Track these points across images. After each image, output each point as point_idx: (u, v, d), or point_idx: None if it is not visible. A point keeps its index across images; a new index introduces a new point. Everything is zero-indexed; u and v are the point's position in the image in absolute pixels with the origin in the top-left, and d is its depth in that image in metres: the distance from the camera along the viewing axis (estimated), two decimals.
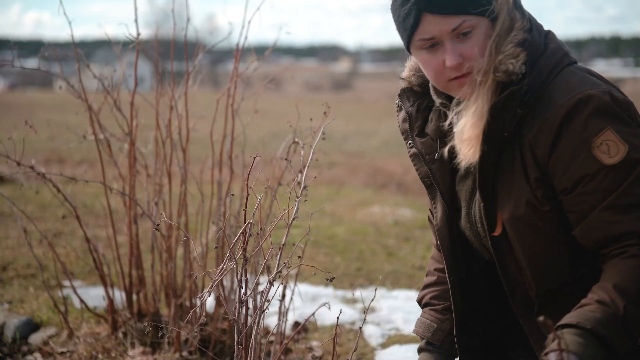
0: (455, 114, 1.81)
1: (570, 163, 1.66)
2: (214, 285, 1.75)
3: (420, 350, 2.10)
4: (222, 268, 1.80)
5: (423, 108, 1.96)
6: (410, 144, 1.96)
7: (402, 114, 1.99)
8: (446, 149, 1.86)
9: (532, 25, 1.76)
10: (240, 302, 1.85)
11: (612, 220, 1.64)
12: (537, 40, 1.74)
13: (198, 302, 1.70)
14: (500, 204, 1.77)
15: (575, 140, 1.65)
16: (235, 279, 3.19)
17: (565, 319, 1.56)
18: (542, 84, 1.70)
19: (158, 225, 2.04)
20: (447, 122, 1.84)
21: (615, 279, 1.59)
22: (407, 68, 1.98)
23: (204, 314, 1.87)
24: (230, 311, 2.08)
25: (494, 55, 1.69)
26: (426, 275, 2.18)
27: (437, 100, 1.90)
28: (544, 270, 1.78)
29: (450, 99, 1.84)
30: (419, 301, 2.15)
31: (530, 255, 1.78)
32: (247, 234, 1.83)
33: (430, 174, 1.92)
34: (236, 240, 1.82)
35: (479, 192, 1.80)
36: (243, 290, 1.86)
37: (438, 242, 2.02)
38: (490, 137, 1.72)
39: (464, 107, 1.76)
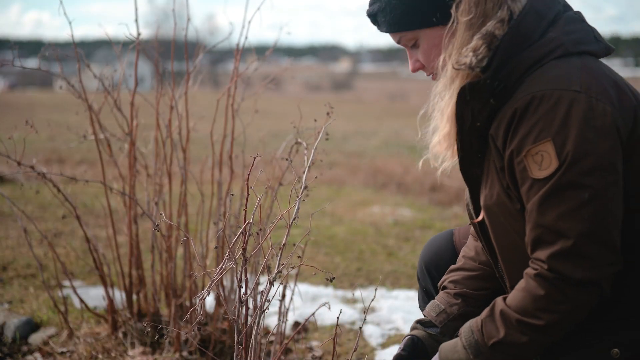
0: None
1: (514, 162, 1.62)
2: (212, 284, 1.75)
3: (411, 328, 2.06)
4: (222, 268, 1.79)
5: None
6: None
7: None
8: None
9: (525, 13, 1.64)
10: (240, 302, 1.85)
11: (532, 239, 1.60)
12: (528, 30, 1.63)
13: (197, 302, 1.70)
14: (482, 191, 1.75)
15: (518, 142, 1.59)
16: (235, 279, 3.19)
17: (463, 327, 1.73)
18: (521, 75, 1.62)
19: (158, 225, 2.03)
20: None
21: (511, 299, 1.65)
22: None
23: (203, 314, 1.87)
24: (230, 311, 2.08)
25: (453, 53, 1.68)
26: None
27: None
28: (514, 264, 1.74)
29: None
30: (439, 285, 2.10)
31: (502, 246, 1.75)
32: (247, 233, 1.83)
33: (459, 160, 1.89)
34: (236, 240, 1.82)
35: (463, 178, 1.79)
36: (243, 290, 1.86)
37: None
38: (462, 128, 1.70)
39: (436, 105, 1.79)
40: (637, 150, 1.60)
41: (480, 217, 1.80)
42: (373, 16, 1.77)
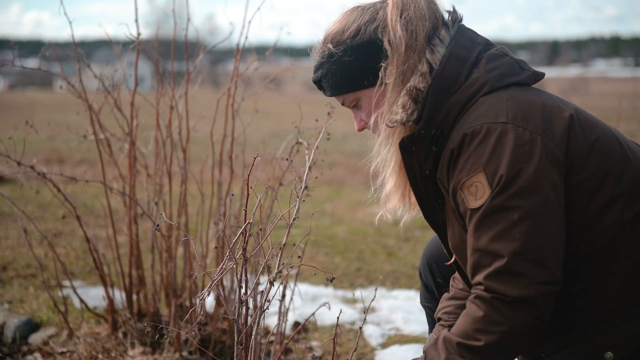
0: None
1: (456, 198, 1.70)
2: (213, 284, 1.75)
3: None
4: (222, 268, 1.80)
5: None
6: None
7: None
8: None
9: (446, 61, 1.74)
10: (240, 302, 1.85)
11: (471, 265, 1.67)
12: (452, 75, 1.73)
13: (197, 302, 1.70)
14: (448, 234, 1.85)
15: (455, 178, 1.68)
16: (235, 279, 3.19)
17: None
18: (455, 118, 1.72)
19: (158, 225, 2.03)
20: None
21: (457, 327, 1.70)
22: None
23: (203, 314, 1.87)
24: (230, 311, 2.08)
25: (385, 111, 1.79)
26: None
27: None
28: None
29: None
30: (435, 316, 2.15)
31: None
32: (247, 233, 1.83)
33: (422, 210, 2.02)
34: (236, 240, 1.82)
35: (430, 225, 1.90)
36: (243, 290, 1.86)
37: None
38: (414, 178, 1.81)
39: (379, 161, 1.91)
40: (573, 169, 1.66)
41: (452, 259, 1.91)
42: (318, 82, 1.89)
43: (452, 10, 1.84)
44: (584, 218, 1.66)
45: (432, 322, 2.29)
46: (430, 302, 2.27)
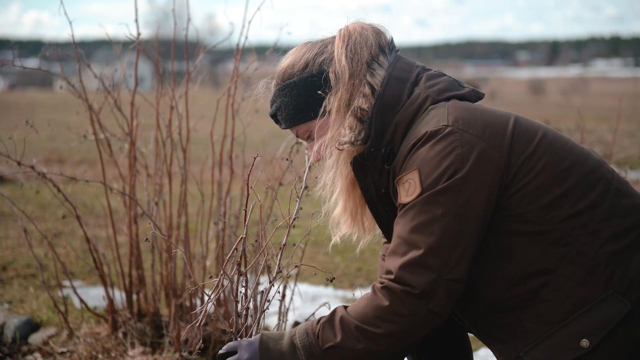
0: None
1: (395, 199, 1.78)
2: (210, 299, 1.75)
3: None
4: (219, 283, 1.81)
5: None
6: None
7: None
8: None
9: (387, 82, 1.81)
10: (238, 315, 1.87)
11: (389, 251, 1.73)
12: (394, 95, 1.80)
13: (199, 310, 1.70)
14: None
15: (397, 176, 1.76)
16: (234, 279, 3.19)
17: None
18: (403, 134, 1.78)
19: (147, 240, 2.05)
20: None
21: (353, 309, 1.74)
22: None
23: (204, 316, 1.87)
24: (230, 311, 2.08)
25: (331, 136, 1.83)
26: None
27: None
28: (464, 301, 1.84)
29: None
30: None
31: None
32: (242, 248, 1.84)
33: (382, 230, 2.05)
34: (230, 257, 1.85)
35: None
36: (240, 305, 1.88)
37: None
38: (371, 198, 1.87)
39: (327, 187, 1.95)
40: (520, 170, 1.72)
41: None
42: (274, 116, 1.95)
43: (390, 40, 1.90)
44: (541, 211, 1.70)
45: None
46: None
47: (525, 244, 1.71)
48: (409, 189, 1.70)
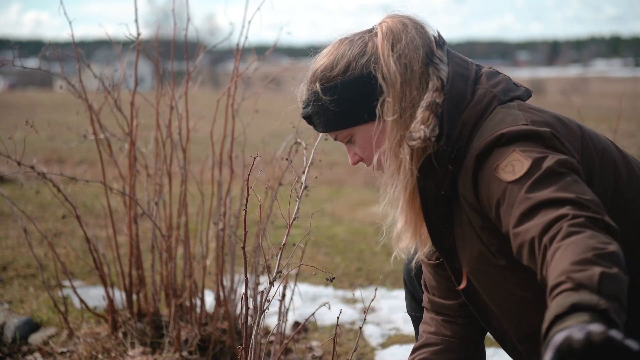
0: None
1: (491, 197, 1.60)
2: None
3: None
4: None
5: None
6: None
7: None
8: None
9: (452, 78, 1.72)
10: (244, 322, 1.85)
11: (520, 232, 1.48)
12: (460, 92, 1.71)
13: (198, 303, 1.70)
14: (461, 258, 1.80)
15: (487, 175, 1.61)
16: (235, 279, 3.19)
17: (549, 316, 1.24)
18: (470, 134, 1.69)
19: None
20: None
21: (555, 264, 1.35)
22: None
23: (204, 316, 1.87)
24: (230, 311, 2.08)
25: (393, 145, 1.74)
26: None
27: None
28: (517, 316, 1.76)
29: None
30: None
31: (498, 304, 1.79)
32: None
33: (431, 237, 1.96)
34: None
35: (439, 252, 1.85)
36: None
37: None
38: (427, 201, 1.75)
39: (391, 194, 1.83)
40: (590, 179, 1.65)
41: (464, 284, 1.85)
42: (308, 118, 1.84)
43: (437, 34, 1.81)
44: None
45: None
46: (417, 312, 2.21)
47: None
48: (514, 169, 1.54)
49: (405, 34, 1.74)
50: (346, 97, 1.76)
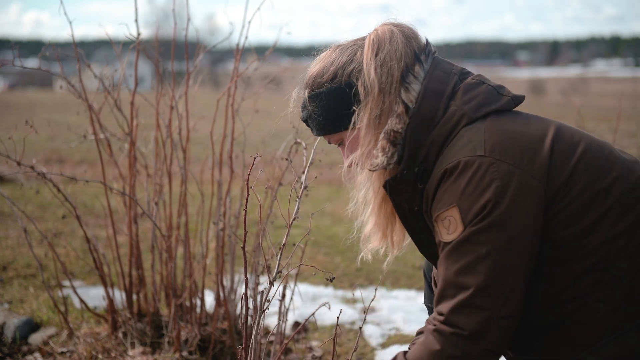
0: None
1: (434, 231, 1.74)
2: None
3: None
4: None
5: None
6: None
7: None
8: None
9: (423, 97, 1.74)
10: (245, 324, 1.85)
11: (437, 295, 1.69)
12: (430, 111, 1.73)
13: (198, 303, 1.70)
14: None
15: (434, 212, 1.71)
16: (235, 279, 3.19)
17: None
18: (437, 153, 1.73)
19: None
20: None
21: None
22: None
23: (204, 316, 1.87)
24: (230, 311, 2.08)
25: (364, 152, 1.80)
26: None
27: None
28: None
29: None
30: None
31: None
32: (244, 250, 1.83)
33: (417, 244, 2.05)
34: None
35: (426, 258, 1.94)
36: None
37: None
38: (404, 216, 1.83)
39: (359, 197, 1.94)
40: (557, 194, 1.65)
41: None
42: (305, 122, 1.91)
43: (425, 43, 1.82)
44: (576, 236, 1.65)
45: None
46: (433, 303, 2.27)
47: (561, 269, 1.66)
48: (449, 227, 1.65)
49: (390, 43, 1.77)
50: (333, 105, 1.81)
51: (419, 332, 1.87)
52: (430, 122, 1.73)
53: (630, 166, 1.72)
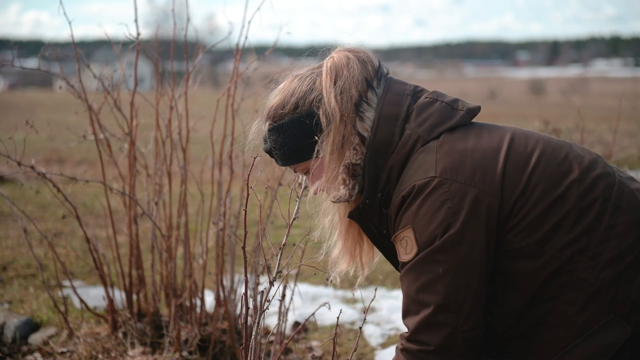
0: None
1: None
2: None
3: None
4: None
5: None
6: None
7: None
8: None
9: (378, 124, 1.76)
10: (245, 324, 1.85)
11: (403, 309, 1.74)
12: (386, 137, 1.76)
13: (198, 303, 1.70)
14: None
15: (394, 231, 1.76)
16: (235, 279, 3.19)
17: None
18: (397, 178, 1.76)
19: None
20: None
21: None
22: None
23: (204, 316, 1.87)
24: (230, 311, 2.07)
25: (328, 180, 1.84)
26: None
27: None
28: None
29: None
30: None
31: None
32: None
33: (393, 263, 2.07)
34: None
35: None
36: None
37: None
38: (375, 238, 1.87)
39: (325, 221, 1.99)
40: (514, 207, 1.67)
41: None
42: (269, 153, 1.92)
43: (377, 65, 1.83)
44: (537, 244, 1.66)
45: None
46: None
47: (526, 276, 1.68)
48: (406, 247, 1.70)
49: (347, 69, 1.80)
50: (296, 134, 1.83)
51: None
52: (388, 148, 1.76)
53: (588, 166, 1.72)
